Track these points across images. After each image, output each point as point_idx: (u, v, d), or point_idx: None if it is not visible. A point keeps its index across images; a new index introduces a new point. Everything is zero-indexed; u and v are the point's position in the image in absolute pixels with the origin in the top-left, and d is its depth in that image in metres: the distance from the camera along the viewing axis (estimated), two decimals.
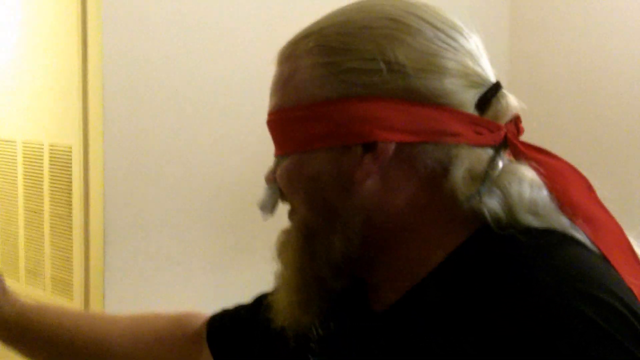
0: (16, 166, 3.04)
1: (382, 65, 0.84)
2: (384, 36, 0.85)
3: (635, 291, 0.80)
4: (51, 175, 2.86)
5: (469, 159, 0.84)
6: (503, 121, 0.87)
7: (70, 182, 2.75)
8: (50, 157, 2.85)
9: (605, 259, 0.82)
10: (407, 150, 0.85)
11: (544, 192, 0.84)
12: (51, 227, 2.89)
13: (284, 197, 0.93)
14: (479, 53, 0.88)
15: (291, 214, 0.92)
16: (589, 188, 0.87)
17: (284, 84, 0.89)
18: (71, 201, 2.76)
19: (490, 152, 0.85)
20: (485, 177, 0.83)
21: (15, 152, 3.04)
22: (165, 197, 2.68)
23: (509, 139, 0.87)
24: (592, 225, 0.84)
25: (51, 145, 2.85)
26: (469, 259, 0.83)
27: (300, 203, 0.90)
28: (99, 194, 2.62)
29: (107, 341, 1.21)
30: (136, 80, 2.62)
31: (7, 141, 3.09)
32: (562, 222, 0.83)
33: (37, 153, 2.92)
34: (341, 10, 0.89)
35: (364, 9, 0.88)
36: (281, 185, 0.91)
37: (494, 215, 0.82)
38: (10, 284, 3.08)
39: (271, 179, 0.93)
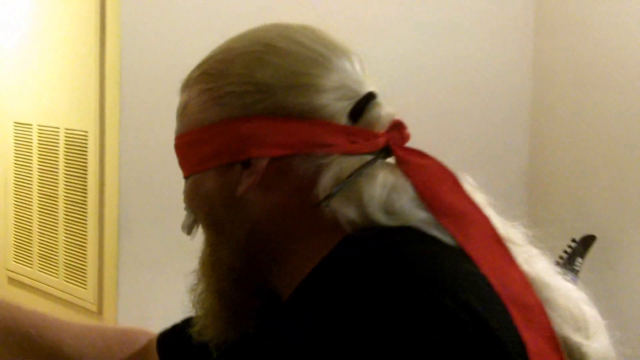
0: (32, 150, 3.01)
1: (251, 87, 0.92)
2: (254, 59, 0.93)
3: (493, 279, 0.84)
4: (66, 161, 2.82)
5: (339, 167, 0.89)
6: (381, 129, 0.92)
7: (86, 168, 2.71)
8: (66, 141, 2.82)
9: (462, 252, 0.87)
10: (280, 164, 0.91)
11: (401, 193, 0.89)
12: (66, 213, 2.85)
13: None
14: (353, 68, 0.94)
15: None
16: (456, 184, 0.92)
17: (181, 112, 0.98)
18: (86, 187, 2.72)
19: (368, 159, 0.90)
20: (340, 183, 0.88)
21: (31, 136, 3.00)
22: (181, 184, 2.63)
23: (389, 145, 0.92)
24: (456, 219, 0.89)
25: (67, 130, 2.81)
26: (326, 265, 0.89)
27: (201, 221, 0.98)
28: (115, 180, 2.59)
29: (59, 343, 1.19)
30: (153, 66, 2.58)
31: (23, 124, 3.05)
32: (420, 219, 0.88)
33: (53, 137, 2.88)
34: (230, 39, 0.98)
35: (244, 37, 0.97)
36: (186, 205, 0.99)
37: (347, 219, 0.88)
38: (23, 269, 3.06)
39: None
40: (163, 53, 2.58)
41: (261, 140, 0.91)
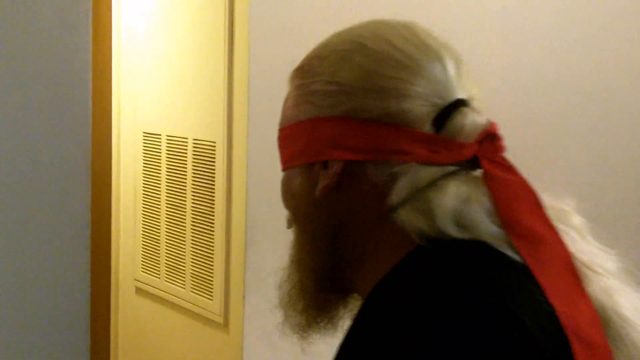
0: (160, 161, 3.03)
1: (335, 87, 0.90)
2: (341, 58, 0.91)
3: (559, 309, 0.80)
4: (194, 171, 2.82)
5: (415, 176, 0.86)
6: (468, 139, 0.88)
7: (213, 179, 2.70)
8: (194, 152, 2.82)
9: (530, 275, 0.82)
10: (354, 169, 0.89)
11: (475, 205, 0.85)
12: (193, 223, 2.85)
13: None
14: (444, 73, 0.89)
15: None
16: (537, 204, 0.87)
17: (283, 105, 0.98)
18: (213, 198, 2.71)
19: (450, 169, 0.87)
20: (411, 194, 0.86)
21: (160, 146, 3.03)
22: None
23: (478, 157, 0.88)
24: (529, 241, 0.85)
25: (195, 140, 2.81)
26: (396, 277, 0.86)
27: (291, 217, 0.98)
28: (242, 191, 2.56)
29: None
30: (281, 79, 2.54)
31: (152, 134, 3.08)
32: (492, 234, 0.84)
33: (181, 148, 2.89)
34: (332, 34, 0.96)
35: (342, 33, 0.95)
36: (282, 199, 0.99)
37: (416, 229, 0.85)
38: (151, 280, 3.08)
39: None
40: (290, 65, 2.55)
41: (337, 143, 0.90)
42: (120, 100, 3.28)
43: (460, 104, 0.89)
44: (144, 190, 3.15)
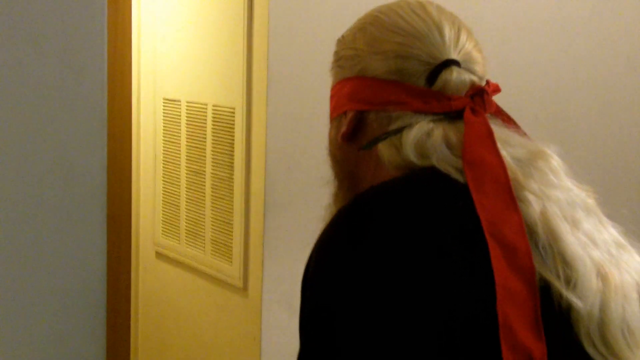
0: (180, 126, 3.04)
1: (353, 52, 1.12)
2: (361, 28, 1.12)
3: (484, 218, 0.94)
4: (214, 137, 2.84)
5: (405, 121, 1.05)
6: (459, 93, 1.06)
7: (232, 145, 2.72)
8: (213, 118, 2.83)
9: (466, 192, 0.97)
10: (361, 117, 1.10)
11: (436, 138, 1.02)
12: (212, 189, 2.87)
13: None
14: (442, 39, 1.07)
15: None
16: (492, 140, 1.01)
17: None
18: (233, 164, 2.72)
19: (436, 117, 1.05)
20: (391, 132, 1.06)
21: (179, 112, 3.04)
22: (326, 162, 2.60)
23: (462, 107, 1.05)
24: (476, 166, 0.99)
25: (214, 106, 2.82)
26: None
27: (329, 157, 1.19)
28: (261, 157, 2.58)
29: None
30: (301, 44, 2.55)
31: (172, 100, 3.09)
32: (445, 160, 1.01)
33: (200, 113, 2.91)
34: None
35: (371, 10, 1.14)
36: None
37: (387, 160, 1.05)
38: (171, 244, 3.11)
39: None
40: (310, 31, 2.54)
41: (352, 97, 1.10)
42: (140, 67, 3.29)
43: (450, 63, 1.06)
44: (164, 156, 3.18)
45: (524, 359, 0.89)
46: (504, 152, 1.02)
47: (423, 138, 1.03)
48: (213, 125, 2.84)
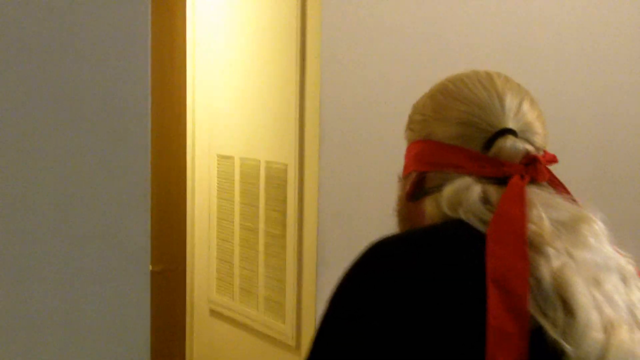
0: (233, 183, 3.05)
1: (421, 117, 1.21)
2: (430, 96, 1.22)
3: (490, 264, 1.00)
4: (266, 193, 2.83)
5: (460, 182, 1.11)
6: (513, 160, 1.13)
7: (285, 201, 2.70)
8: (266, 174, 2.82)
9: (480, 241, 1.04)
10: (425, 176, 1.18)
11: (470, 193, 1.09)
12: (265, 246, 2.85)
13: None
14: (501, 108, 1.15)
15: None
16: (523, 197, 1.08)
17: None
18: (285, 221, 2.70)
19: (491, 180, 1.12)
20: (433, 187, 1.16)
21: (233, 169, 3.05)
22: (382, 219, 2.56)
23: (513, 174, 1.11)
24: (502, 218, 1.06)
25: (267, 162, 2.82)
26: None
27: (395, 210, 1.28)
28: (313, 213, 2.56)
29: None
30: (353, 101, 2.54)
31: (226, 157, 3.10)
32: (474, 213, 1.08)
33: (253, 170, 2.90)
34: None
35: (444, 78, 1.23)
36: None
37: (429, 212, 1.15)
38: (225, 301, 3.09)
39: None
40: (362, 88, 2.54)
41: (417, 159, 1.20)
42: (195, 124, 3.31)
43: (506, 132, 1.13)
44: (218, 213, 3.18)
45: None
46: (543, 214, 1.07)
47: (459, 191, 1.11)
48: (266, 181, 2.83)
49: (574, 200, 1.15)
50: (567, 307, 0.99)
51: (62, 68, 1.30)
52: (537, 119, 1.17)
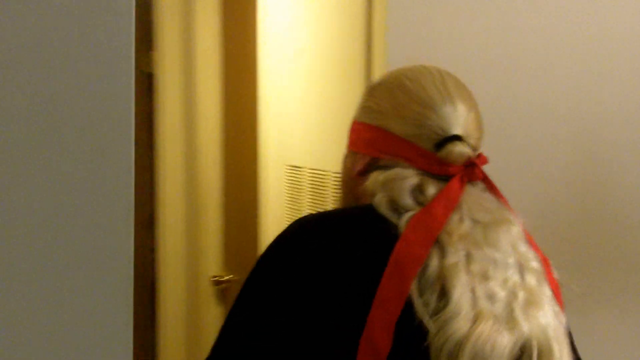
0: (302, 194, 3.07)
1: (378, 108, 1.37)
2: (387, 90, 1.38)
3: (399, 246, 1.22)
4: (335, 204, 2.84)
5: (401, 172, 1.31)
6: (457, 162, 1.30)
7: None
8: (335, 184, 2.83)
9: (387, 230, 1.25)
10: (376, 160, 1.36)
11: (399, 185, 1.29)
12: None
13: None
14: (454, 113, 1.32)
15: None
16: (454, 202, 1.25)
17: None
18: None
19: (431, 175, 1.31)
20: (381, 166, 1.36)
21: (302, 179, 3.07)
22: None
23: (455, 174, 1.29)
24: (423, 211, 1.25)
25: (335, 173, 2.83)
26: None
27: (340, 176, 1.50)
28: None
29: None
30: None
31: (296, 167, 3.13)
32: (391, 199, 1.29)
33: (322, 180, 2.92)
34: (394, 69, 1.43)
35: (398, 70, 1.41)
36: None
37: (368, 186, 1.33)
38: None
39: None
40: None
41: (371, 144, 1.36)
42: (265, 135, 3.35)
43: (455, 137, 1.31)
44: (288, 223, 3.19)
45: (372, 351, 1.15)
46: (465, 216, 1.25)
47: (395, 179, 1.29)
48: (334, 191, 2.84)
49: (503, 199, 1.33)
50: (443, 295, 1.17)
51: (34, 77, 1.32)
52: (478, 124, 1.35)
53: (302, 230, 1.30)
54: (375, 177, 1.32)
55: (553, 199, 2.59)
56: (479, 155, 1.33)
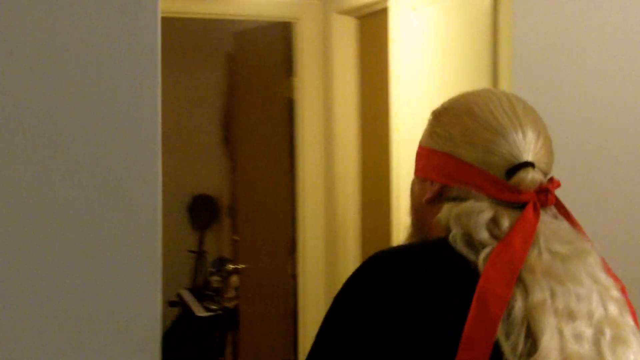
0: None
1: (447, 134, 1.35)
2: (456, 116, 1.36)
3: (482, 283, 1.19)
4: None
5: (475, 205, 1.27)
6: (529, 189, 1.28)
7: None
8: None
9: (466, 266, 1.23)
10: (447, 187, 1.34)
11: (477, 216, 1.25)
12: None
13: None
14: (523, 140, 1.30)
15: None
16: (532, 234, 1.24)
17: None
18: None
19: (505, 204, 1.28)
20: (454, 197, 1.33)
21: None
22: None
23: (528, 201, 1.27)
24: (502, 244, 1.23)
25: None
26: None
27: (409, 203, 1.47)
28: None
29: None
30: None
31: None
32: (461, 233, 1.26)
33: None
34: (463, 93, 1.41)
35: (465, 96, 1.39)
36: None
37: (440, 218, 1.30)
38: None
39: None
40: (556, 112, 2.49)
41: (440, 171, 1.35)
42: (399, 159, 3.39)
43: (527, 164, 1.28)
44: None
45: None
46: (543, 249, 1.24)
47: (470, 213, 1.26)
48: None
49: (577, 225, 1.33)
50: (529, 336, 1.15)
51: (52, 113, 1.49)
52: (548, 149, 1.33)
53: (377, 268, 1.26)
54: (449, 210, 1.29)
55: None
56: (551, 180, 1.32)
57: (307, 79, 3.73)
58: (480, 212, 1.25)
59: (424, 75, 3.15)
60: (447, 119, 1.36)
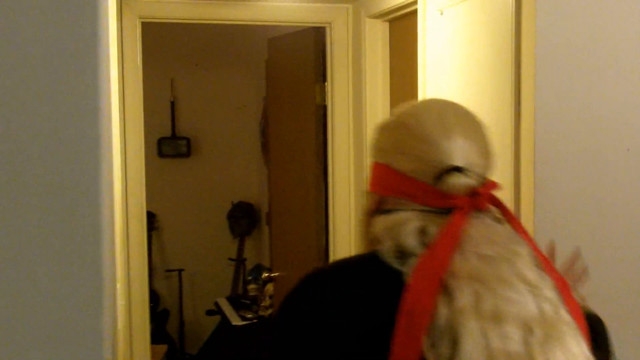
0: None
1: (380, 146, 1.41)
2: (388, 129, 1.41)
3: (408, 294, 1.20)
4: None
5: (402, 216, 1.31)
6: (459, 193, 1.29)
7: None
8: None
9: (394, 276, 1.25)
10: (385, 198, 1.38)
11: (406, 227, 1.29)
12: None
13: None
14: (451, 146, 1.31)
15: None
16: (456, 239, 1.24)
17: None
18: None
19: (428, 209, 1.32)
20: (384, 210, 1.38)
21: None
22: (596, 241, 2.42)
23: (460, 205, 1.28)
24: (428, 252, 1.24)
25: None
26: None
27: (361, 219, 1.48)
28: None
29: None
30: (566, 133, 2.45)
31: None
32: (405, 245, 1.28)
33: None
34: (396, 108, 1.45)
35: (404, 108, 1.43)
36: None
37: (374, 232, 1.35)
38: None
39: None
40: (575, 115, 2.44)
41: (379, 182, 1.39)
42: None
43: (454, 169, 1.30)
44: None
45: None
46: (471, 253, 1.22)
47: (396, 224, 1.30)
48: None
49: (518, 227, 1.32)
50: (455, 345, 1.14)
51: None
52: (481, 151, 1.34)
53: (306, 288, 1.31)
54: (381, 223, 1.33)
55: None
56: (486, 184, 1.32)
57: (337, 84, 3.71)
58: (407, 222, 1.28)
59: (451, 78, 3.12)
60: (384, 131, 1.41)
